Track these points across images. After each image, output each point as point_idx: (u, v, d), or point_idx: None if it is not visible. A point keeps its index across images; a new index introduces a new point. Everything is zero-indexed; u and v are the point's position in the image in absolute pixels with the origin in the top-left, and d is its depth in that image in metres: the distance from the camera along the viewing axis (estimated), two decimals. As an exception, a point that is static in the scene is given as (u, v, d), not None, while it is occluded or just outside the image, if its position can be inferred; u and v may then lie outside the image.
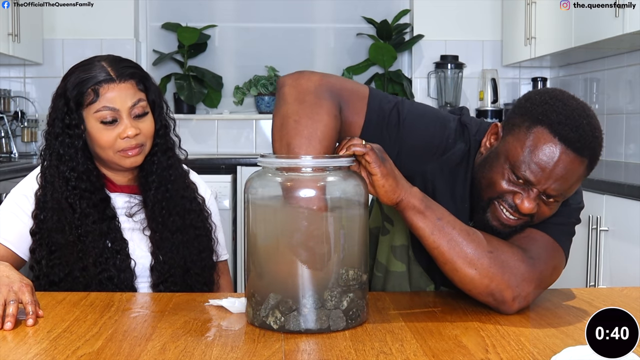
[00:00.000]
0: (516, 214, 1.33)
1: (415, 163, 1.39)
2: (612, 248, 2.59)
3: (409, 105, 1.41)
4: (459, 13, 4.33)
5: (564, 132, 1.27)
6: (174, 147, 1.71)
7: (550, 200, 1.32)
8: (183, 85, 4.22)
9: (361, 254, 1.24)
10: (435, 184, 1.41)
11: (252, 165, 3.66)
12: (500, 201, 1.33)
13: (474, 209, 1.40)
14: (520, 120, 1.32)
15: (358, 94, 1.38)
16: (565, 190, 1.31)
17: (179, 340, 1.16)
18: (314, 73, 1.36)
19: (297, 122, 1.28)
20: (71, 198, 1.59)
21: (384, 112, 1.37)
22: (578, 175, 1.30)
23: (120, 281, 1.59)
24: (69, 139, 1.60)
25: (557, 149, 1.27)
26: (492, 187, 1.34)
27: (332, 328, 1.19)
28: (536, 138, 1.29)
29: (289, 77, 1.36)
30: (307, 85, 1.32)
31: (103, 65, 1.59)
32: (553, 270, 1.38)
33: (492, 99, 4.26)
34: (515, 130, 1.32)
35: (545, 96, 1.33)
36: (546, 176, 1.28)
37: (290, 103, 1.30)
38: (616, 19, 2.92)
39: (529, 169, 1.29)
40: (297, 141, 1.26)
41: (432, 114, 1.45)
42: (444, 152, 1.40)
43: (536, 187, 1.30)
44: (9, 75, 4.27)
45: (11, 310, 1.23)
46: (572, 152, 1.27)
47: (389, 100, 1.40)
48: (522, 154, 1.29)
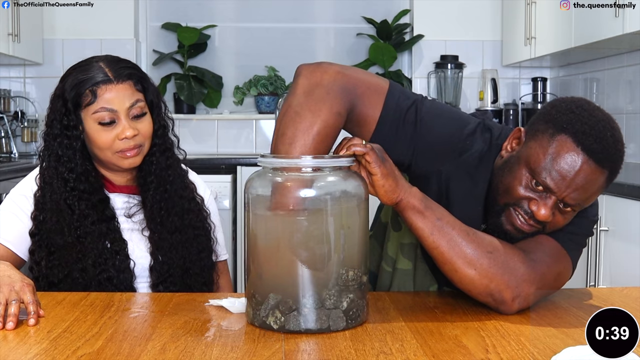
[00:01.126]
0: (531, 220, 1.32)
1: (431, 163, 1.39)
2: (612, 248, 2.59)
3: (429, 104, 1.40)
4: (459, 13, 4.33)
5: (588, 142, 1.27)
6: (173, 147, 1.71)
7: (567, 210, 1.32)
8: (183, 85, 4.21)
9: (361, 254, 1.24)
10: (450, 184, 1.40)
11: (252, 165, 3.65)
12: (516, 207, 1.33)
13: (488, 212, 1.39)
14: (544, 127, 1.31)
15: (376, 88, 1.36)
16: (583, 201, 1.31)
17: (179, 340, 1.16)
18: (332, 65, 1.35)
19: (297, 114, 1.28)
20: (70, 199, 1.59)
21: (401, 109, 1.36)
22: (597, 186, 1.30)
23: (120, 282, 1.59)
24: (68, 140, 1.60)
25: (579, 159, 1.27)
26: (509, 192, 1.33)
27: (332, 328, 1.19)
28: (559, 146, 1.28)
29: (306, 67, 1.35)
30: (320, 78, 1.31)
31: (101, 66, 1.59)
32: (557, 275, 1.37)
33: (492, 99, 4.26)
34: (539, 137, 1.31)
35: (572, 105, 1.32)
36: (566, 185, 1.28)
37: (298, 94, 1.30)
38: (616, 19, 2.92)
39: (549, 175, 1.28)
40: (291, 132, 1.26)
41: (452, 113, 1.44)
42: (461, 153, 1.39)
43: (555, 194, 1.29)
44: (9, 75, 4.27)
45: (13, 310, 1.23)
46: (593, 163, 1.27)
47: (407, 97, 1.38)
48: (544, 161, 1.29)
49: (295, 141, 1.26)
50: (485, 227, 1.39)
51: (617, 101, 3.65)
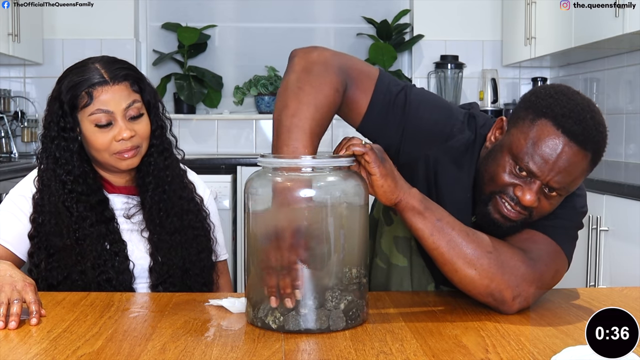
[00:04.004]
0: (517, 207, 1.33)
1: (419, 147, 1.40)
2: (612, 248, 2.59)
3: (417, 90, 1.42)
4: (459, 13, 4.33)
5: (568, 124, 1.28)
6: (171, 147, 1.70)
7: (552, 194, 1.32)
8: (183, 85, 4.21)
9: (361, 253, 1.24)
10: (438, 169, 1.41)
11: (252, 165, 3.65)
12: (502, 195, 1.34)
13: (475, 202, 1.40)
14: (524, 113, 1.33)
15: (368, 73, 1.39)
16: (568, 184, 1.31)
17: (179, 340, 1.16)
18: (326, 49, 1.37)
19: (300, 89, 1.28)
20: (68, 201, 1.58)
21: (391, 94, 1.38)
22: (581, 169, 1.30)
23: (119, 283, 1.59)
24: (65, 142, 1.59)
25: (560, 141, 1.28)
26: (494, 180, 1.34)
27: (331, 328, 1.19)
28: (540, 130, 1.29)
29: (301, 49, 1.37)
30: (317, 57, 1.33)
31: (96, 67, 1.59)
32: (555, 272, 1.37)
33: (492, 99, 4.26)
34: (520, 123, 1.33)
35: (551, 90, 1.34)
36: (549, 168, 1.28)
37: (297, 72, 1.32)
38: (616, 19, 2.92)
39: (532, 160, 1.29)
40: (294, 104, 1.27)
41: (440, 101, 1.47)
42: (448, 139, 1.40)
43: (539, 179, 1.30)
44: (9, 75, 4.27)
45: (15, 310, 1.24)
46: (575, 145, 1.28)
47: (397, 84, 1.40)
48: (526, 146, 1.30)
49: (300, 113, 1.26)
50: (475, 217, 1.39)
51: (617, 101, 3.65)
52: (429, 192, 1.39)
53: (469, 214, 1.41)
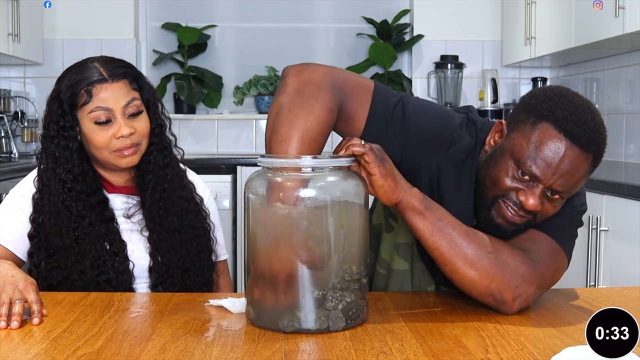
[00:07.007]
0: (521, 211, 1.33)
1: (421, 157, 1.40)
2: (612, 248, 2.59)
3: (414, 100, 1.42)
4: (458, 13, 4.33)
5: (569, 127, 1.27)
6: (170, 145, 1.71)
7: (555, 197, 1.32)
8: (183, 85, 4.21)
9: (361, 254, 1.24)
10: (441, 177, 1.41)
11: (252, 165, 3.66)
12: (505, 199, 1.33)
13: (477, 208, 1.40)
14: (525, 117, 1.33)
15: (363, 86, 1.38)
16: (570, 187, 1.31)
17: (179, 340, 1.16)
18: (320, 65, 1.36)
19: (290, 112, 1.28)
20: (67, 200, 1.59)
21: (388, 106, 1.38)
22: (583, 171, 1.30)
23: (119, 283, 1.59)
24: (64, 141, 1.59)
25: (562, 145, 1.28)
26: (496, 185, 1.34)
27: (331, 328, 1.19)
28: (541, 134, 1.29)
29: (293, 67, 1.36)
30: (309, 76, 1.32)
31: (95, 65, 1.59)
32: (555, 272, 1.37)
33: (492, 99, 4.26)
34: (520, 127, 1.32)
35: (550, 93, 1.33)
36: (552, 172, 1.28)
37: (289, 93, 1.31)
38: (616, 19, 2.92)
39: (534, 164, 1.29)
40: (285, 129, 1.26)
41: (437, 109, 1.47)
42: (450, 147, 1.40)
43: (542, 182, 1.30)
44: (9, 75, 4.27)
45: (17, 309, 1.24)
46: (577, 148, 1.27)
47: (393, 95, 1.40)
48: (528, 150, 1.29)
49: (289, 138, 1.26)
50: (477, 222, 1.39)
51: (617, 101, 3.65)
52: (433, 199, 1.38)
53: (471, 219, 1.40)
